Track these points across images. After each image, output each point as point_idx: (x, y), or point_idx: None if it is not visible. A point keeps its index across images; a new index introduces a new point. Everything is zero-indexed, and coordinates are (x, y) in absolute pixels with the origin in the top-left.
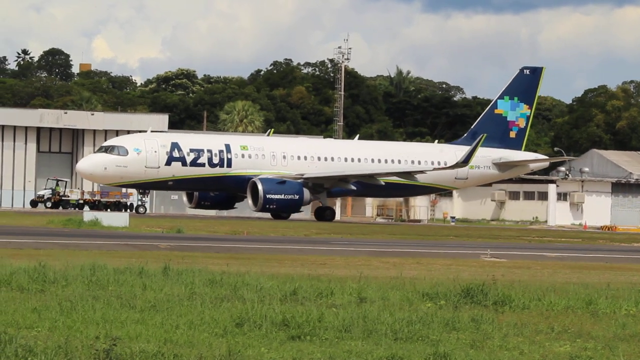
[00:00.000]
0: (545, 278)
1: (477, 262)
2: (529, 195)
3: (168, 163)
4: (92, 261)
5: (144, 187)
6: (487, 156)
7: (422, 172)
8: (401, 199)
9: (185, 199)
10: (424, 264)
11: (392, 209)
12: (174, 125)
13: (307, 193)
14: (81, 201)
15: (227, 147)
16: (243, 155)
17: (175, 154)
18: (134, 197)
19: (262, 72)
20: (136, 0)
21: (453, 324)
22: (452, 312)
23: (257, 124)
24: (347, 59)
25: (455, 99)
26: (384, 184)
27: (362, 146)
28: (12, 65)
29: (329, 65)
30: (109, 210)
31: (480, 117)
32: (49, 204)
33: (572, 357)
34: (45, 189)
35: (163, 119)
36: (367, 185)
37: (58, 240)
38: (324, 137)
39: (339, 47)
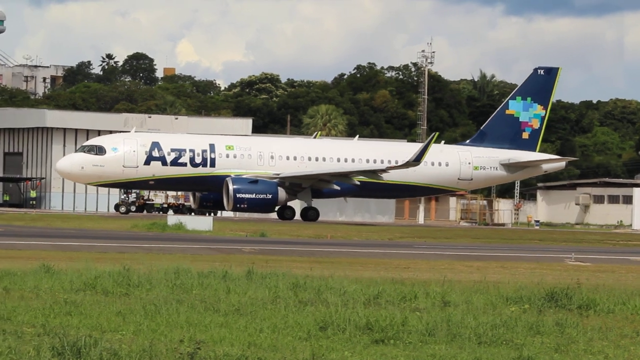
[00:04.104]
0: (630, 282)
1: (562, 266)
2: (613, 199)
3: (147, 162)
4: (176, 265)
5: (124, 186)
6: (494, 157)
7: (384, 171)
8: (484, 202)
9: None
10: (507, 268)
11: (476, 213)
12: (257, 129)
13: (282, 192)
14: (165, 205)
15: (212, 146)
16: (228, 155)
17: (155, 153)
18: None
19: (345, 76)
20: (220, 4)
21: (537, 328)
22: (536, 316)
23: (341, 127)
24: (431, 62)
25: None
26: (358, 183)
27: (359, 146)
28: (96, 69)
29: (413, 69)
30: (192, 214)
31: (490, 117)
32: (133, 208)
33: None
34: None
35: (247, 123)
36: (361, 185)
37: (142, 244)
38: (408, 141)
39: (423, 51)
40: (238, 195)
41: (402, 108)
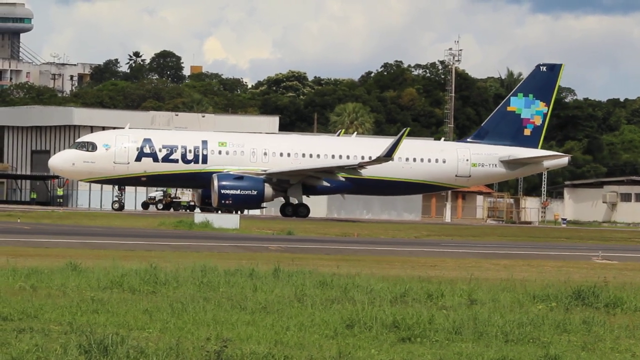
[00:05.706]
0: None
1: (588, 264)
2: None
3: (138, 159)
4: (203, 263)
5: (115, 183)
6: (494, 154)
7: (360, 166)
8: (511, 200)
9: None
10: (534, 266)
11: (503, 211)
12: (284, 127)
13: (268, 189)
14: (192, 203)
15: (204, 143)
16: (220, 152)
17: (147, 149)
18: None
19: (372, 74)
20: (248, 2)
21: (564, 326)
22: (563, 314)
23: (368, 125)
24: (458, 60)
25: (566, 100)
26: (343, 179)
27: (356, 143)
28: (124, 67)
29: (440, 67)
30: (219, 212)
31: (492, 114)
32: (160, 206)
33: None
34: (156, 190)
35: (274, 121)
36: (355, 181)
37: (169, 242)
38: (435, 139)
39: (450, 49)
40: (223, 192)
41: (429, 106)
